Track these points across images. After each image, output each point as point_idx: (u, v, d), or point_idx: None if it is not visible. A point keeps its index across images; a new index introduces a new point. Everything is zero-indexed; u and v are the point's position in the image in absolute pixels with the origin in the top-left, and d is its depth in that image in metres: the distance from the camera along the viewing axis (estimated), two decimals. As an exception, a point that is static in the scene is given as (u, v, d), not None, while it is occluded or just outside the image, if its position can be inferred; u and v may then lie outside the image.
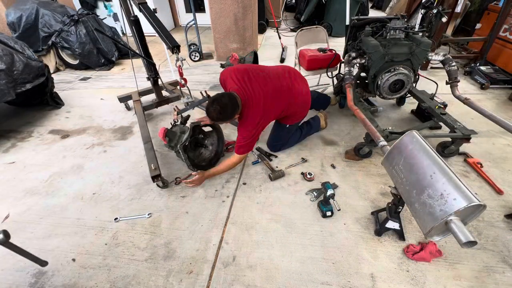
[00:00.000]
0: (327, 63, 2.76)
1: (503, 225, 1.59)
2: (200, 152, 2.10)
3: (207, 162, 2.06)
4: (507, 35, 3.31)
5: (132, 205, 1.81)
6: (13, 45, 2.62)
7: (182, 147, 1.81)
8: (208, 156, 2.10)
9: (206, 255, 1.49)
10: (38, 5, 3.77)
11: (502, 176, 1.92)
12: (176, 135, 1.89)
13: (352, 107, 2.00)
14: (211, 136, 2.12)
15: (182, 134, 1.93)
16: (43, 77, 2.74)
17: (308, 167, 2.09)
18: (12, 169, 2.17)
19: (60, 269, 1.44)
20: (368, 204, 1.76)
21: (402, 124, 2.58)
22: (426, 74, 3.50)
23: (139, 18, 2.32)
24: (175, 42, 1.80)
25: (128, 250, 1.53)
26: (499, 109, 2.74)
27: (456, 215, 1.00)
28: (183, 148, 1.82)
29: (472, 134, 1.92)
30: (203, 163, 2.04)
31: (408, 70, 2.20)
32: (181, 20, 6.55)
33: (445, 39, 3.59)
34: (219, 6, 3.78)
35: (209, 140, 2.13)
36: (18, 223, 1.71)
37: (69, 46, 3.84)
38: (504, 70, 3.30)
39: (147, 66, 2.56)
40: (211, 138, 2.13)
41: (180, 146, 1.81)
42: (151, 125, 2.71)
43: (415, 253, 1.42)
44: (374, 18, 2.45)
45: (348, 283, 1.34)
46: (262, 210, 1.75)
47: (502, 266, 1.39)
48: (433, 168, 1.12)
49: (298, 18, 5.96)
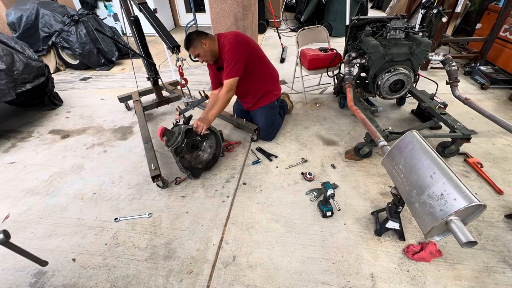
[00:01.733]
0: (328, 62, 2.77)
1: (503, 225, 1.59)
2: (198, 155, 2.09)
3: (203, 165, 2.05)
4: (507, 35, 3.31)
5: (132, 205, 1.81)
6: (13, 45, 2.62)
7: (173, 150, 1.81)
8: (206, 159, 2.08)
9: (206, 255, 1.49)
10: (39, 5, 3.77)
11: (502, 176, 1.92)
12: (174, 135, 1.88)
13: (352, 107, 2.00)
14: (209, 139, 2.12)
15: (179, 135, 1.92)
16: (43, 77, 2.75)
17: (308, 167, 2.09)
18: (12, 169, 2.17)
19: (60, 269, 1.44)
20: (368, 204, 1.76)
21: (402, 124, 2.58)
22: (426, 74, 3.50)
23: (139, 18, 2.32)
24: (175, 42, 1.81)
25: (128, 250, 1.53)
26: (499, 109, 2.74)
27: (456, 215, 1.00)
28: (174, 151, 1.82)
29: (472, 134, 1.92)
30: (199, 165, 2.03)
31: (408, 70, 2.20)
32: (181, 20, 6.55)
33: (445, 39, 3.59)
34: (219, 6, 3.78)
35: (207, 143, 2.12)
36: (18, 223, 1.71)
37: (69, 46, 3.85)
38: (504, 70, 3.29)
39: (147, 66, 2.56)
40: (209, 141, 2.12)
41: (171, 148, 1.81)
42: (151, 125, 2.71)
43: (415, 253, 1.42)
44: (374, 18, 2.45)
45: (348, 283, 1.34)
46: (262, 210, 1.75)
47: (502, 266, 1.39)
48: (433, 168, 1.12)
49: (298, 18, 5.97)
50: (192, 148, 2.07)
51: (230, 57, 1.90)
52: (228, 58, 1.91)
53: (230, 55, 1.90)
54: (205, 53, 1.94)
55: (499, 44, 3.42)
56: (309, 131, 2.50)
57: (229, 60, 1.90)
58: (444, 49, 4.16)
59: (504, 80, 3.11)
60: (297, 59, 2.93)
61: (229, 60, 1.91)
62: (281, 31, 5.37)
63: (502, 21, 3.27)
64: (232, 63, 1.90)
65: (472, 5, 4.54)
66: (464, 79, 3.36)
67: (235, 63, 1.91)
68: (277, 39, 4.74)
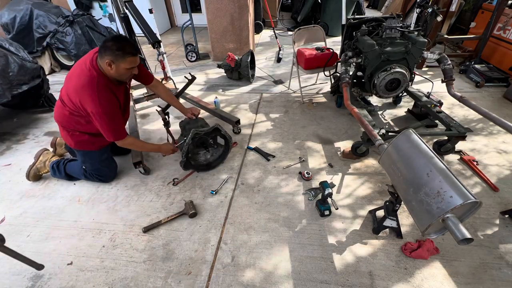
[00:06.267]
0: (325, 62, 2.77)
1: (499, 222, 1.61)
2: (198, 152, 2.08)
3: (196, 164, 2.03)
4: (501, 33, 3.35)
5: (129, 206, 1.80)
6: (7, 46, 2.59)
7: (193, 134, 1.81)
8: (202, 161, 2.07)
9: (205, 256, 1.48)
10: (32, 6, 3.73)
11: (498, 174, 1.94)
12: (191, 128, 1.94)
13: (349, 106, 2.01)
14: (218, 147, 2.11)
15: (200, 127, 1.99)
16: (39, 79, 2.72)
17: (306, 166, 2.09)
18: (8, 172, 2.15)
19: (57, 272, 1.43)
20: (365, 203, 1.76)
21: (399, 122, 2.59)
22: (422, 72, 3.53)
23: (128, 16, 2.40)
24: (156, 38, 1.96)
25: (126, 252, 1.52)
26: (494, 107, 2.76)
27: (452, 212, 1.01)
28: (193, 135, 1.81)
29: (467, 132, 1.94)
30: (192, 162, 2.02)
31: (404, 69, 2.22)
32: (177, 20, 6.52)
33: (440, 38, 3.62)
34: (216, 6, 3.78)
35: (213, 151, 2.11)
36: (14, 226, 1.69)
37: (64, 47, 3.80)
38: (499, 68, 3.33)
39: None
40: (217, 150, 2.11)
41: (192, 132, 1.82)
42: (142, 119, 2.70)
43: (412, 251, 1.43)
44: (369, 17, 2.46)
45: (346, 282, 1.34)
46: (260, 210, 1.75)
47: (498, 262, 1.41)
48: (430, 166, 1.13)
49: (295, 18, 5.97)
50: (199, 143, 2.05)
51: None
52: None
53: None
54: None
55: (493, 43, 3.45)
56: (306, 131, 2.51)
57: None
58: (439, 47, 4.19)
59: (498, 78, 3.14)
60: (294, 58, 2.94)
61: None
62: (278, 31, 5.37)
63: (496, 20, 3.30)
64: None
65: (466, 4, 4.58)
66: (459, 78, 3.38)
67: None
68: (273, 39, 4.74)
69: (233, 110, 2.91)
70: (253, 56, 3.55)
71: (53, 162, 1.97)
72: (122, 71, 1.49)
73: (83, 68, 1.49)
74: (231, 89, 3.37)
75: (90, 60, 1.49)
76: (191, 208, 1.70)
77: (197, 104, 2.74)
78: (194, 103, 2.76)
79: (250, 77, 3.42)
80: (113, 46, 1.41)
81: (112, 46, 1.41)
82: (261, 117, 2.77)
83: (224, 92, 3.31)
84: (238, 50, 4.09)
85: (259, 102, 3.04)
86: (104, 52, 1.42)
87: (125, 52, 1.44)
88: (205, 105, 2.68)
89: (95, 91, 1.45)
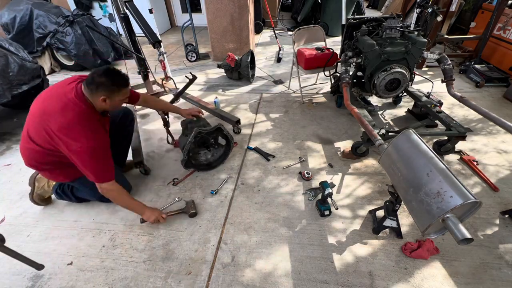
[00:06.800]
0: (325, 62, 2.77)
1: (499, 222, 1.61)
2: (199, 152, 2.08)
3: (197, 163, 2.03)
4: (501, 33, 3.35)
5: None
6: (7, 46, 2.59)
7: (196, 132, 1.82)
8: (203, 161, 2.07)
9: (205, 256, 1.48)
10: (32, 6, 3.73)
11: (497, 173, 1.94)
12: (193, 127, 1.91)
13: (349, 106, 2.01)
14: (219, 147, 2.11)
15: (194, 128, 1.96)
16: (39, 79, 2.72)
17: (306, 166, 2.09)
18: (8, 172, 2.15)
19: (57, 272, 1.43)
20: (365, 203, 1.76)
21: (399, 122, 2.59)
22: (422, 72, 3.53)
23: (128, 16, 2.39)
24: (156, 38, 1.97)
25: (126, 252, 1.52)
26: (494, 107, 2.76)
27: (452, 212, 1.01)
28: (196, 133, 1.82)
29: (467, 132, 1.94)
30: (193, 161, 2.02)
31: (404, 69, 2.22)
32: (177, 20, 6.52)
33: (440, 38, 3.61)
34: (216, 6, 3.78)
35: (214, 150, 2.10)
36: (14, 226, 1.69)
37: (64, 47, 3.80)
38: (499, 68, 3.33)
39: (137, 61, 2.61)
40: (218, 150, 2.11)
41: (195, 130, 1.82)
42: (142, 119, 2.70)
43: (412, 251, 1.43)
44: (369, 17, 2.46)
45: (347, 282, 1.34)
46: (260, 210, 1.75)
47: (498, 262, 1.41)
48: (430, 166, 1.13)
49: (295, 18, 5.97)
50: (201, 142, 2.05)
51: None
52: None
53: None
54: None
55: (493, 43, 3.45)
56: (306, 131, 2.51)
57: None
58: (439, 47, 4.19)
59: (498, 78, 3.14)
60: (294, 58, 2.94)
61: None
62: (278, 31, 5.37)
63: (496, 20, 3.30)
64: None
65: (466, 4, 4.58)
66: (459, 78, 3.38)
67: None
68: (273, 39, 4.74)
69: (233, 110, 2.91)
70: (253, 56, 3.55)
71: (55, 187, 1.77)
72: (117, 103, 1.45)
73: (66, 102, 1.33)
74: (231, 89, 3.37)
75: (75, 92, 1.35)
76: (192, 207, 1.70)
77: (197, 104, 2.74)
78: (194, 103, 2.77)
79: (250, 77, 3.42)
80: (107, 82, 1.35)
81: (106, 82, 1.34)
82: (261, 117, 2.77)
83: (224, 92, 3.31)
84: (238, 50, 4.09)
85: (259, 102, 3.04)
86: (97, 89, 1.34)
87: (120, 85, 1.40)
88: (205, 105, 2.68)
89: (85, 126, 1.33)
